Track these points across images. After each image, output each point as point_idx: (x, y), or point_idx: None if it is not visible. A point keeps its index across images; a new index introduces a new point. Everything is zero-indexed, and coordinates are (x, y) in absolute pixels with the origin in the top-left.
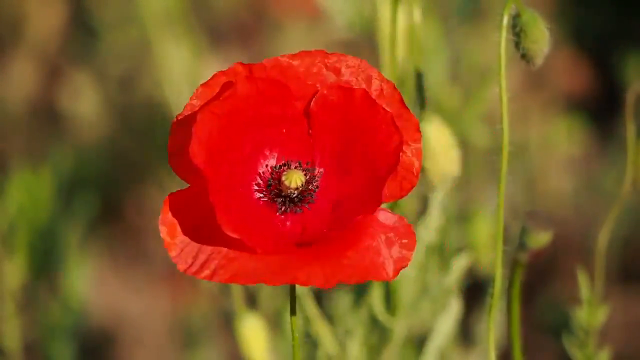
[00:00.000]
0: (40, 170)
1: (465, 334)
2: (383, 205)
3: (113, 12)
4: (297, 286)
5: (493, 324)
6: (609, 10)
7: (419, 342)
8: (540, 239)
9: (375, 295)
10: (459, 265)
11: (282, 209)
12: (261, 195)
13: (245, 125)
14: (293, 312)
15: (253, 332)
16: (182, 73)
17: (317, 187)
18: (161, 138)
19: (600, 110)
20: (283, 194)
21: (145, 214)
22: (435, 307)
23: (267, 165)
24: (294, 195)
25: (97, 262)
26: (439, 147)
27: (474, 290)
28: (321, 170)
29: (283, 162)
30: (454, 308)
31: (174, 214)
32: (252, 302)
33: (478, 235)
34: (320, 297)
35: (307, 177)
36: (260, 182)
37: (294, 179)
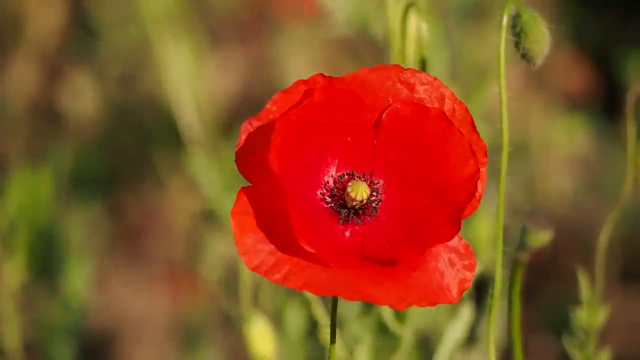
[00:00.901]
0: (40, 170)
1: (467, 333)
2: None
3: (113, 12)
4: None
5: (493, 325)
6: (609, 11)
7: (424, 345)
8: (540, 238)
9: None
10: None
11: (344, 219)
12: (325, 204)
13: (315, 132)
14: (333, 339)
15: (261, 334)
16: (182, 73)
17: (381, 200)
18: (161, 138)
19: (600, 110)
20: (348, 205)
21: (145, 214)
22: (442, 314)
23: (330, 174)
24: (358, 207)
25: (97, 262)
26: None
27: (475, 290)
28: (381, 182)
29: (345, 171)
30: (464, 314)
31: (244, 209)
32: (251, 302)
33: (478, 234)
34: (327, 302)
35: (371, 189)
36: (325, 190)
37: (360, 191)
